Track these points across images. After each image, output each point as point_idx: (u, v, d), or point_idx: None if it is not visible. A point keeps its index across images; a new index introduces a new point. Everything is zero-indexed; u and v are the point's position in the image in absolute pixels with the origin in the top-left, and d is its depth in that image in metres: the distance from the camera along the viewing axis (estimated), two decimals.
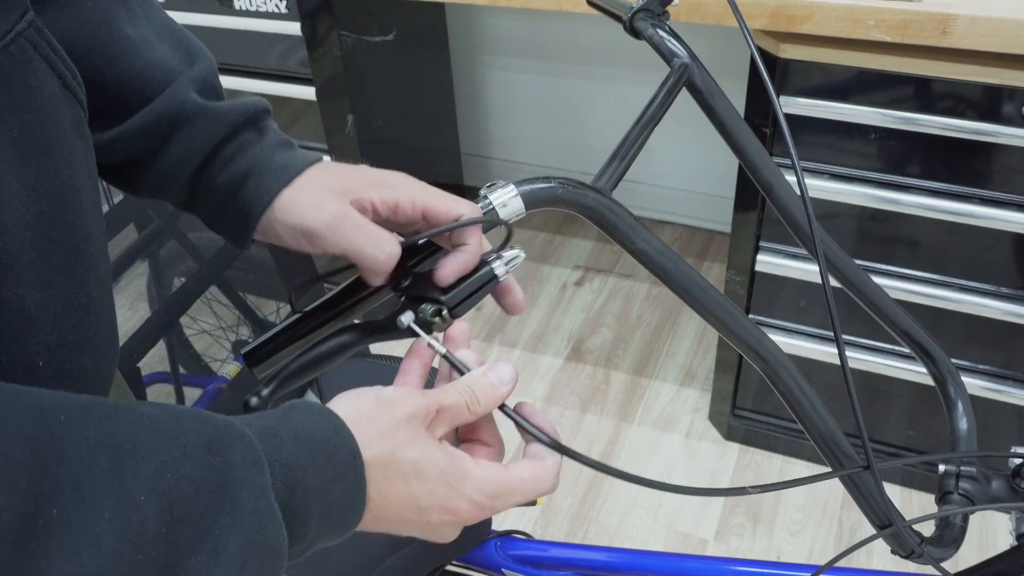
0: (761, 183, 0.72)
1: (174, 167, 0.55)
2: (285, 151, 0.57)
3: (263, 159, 0.56)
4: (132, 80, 0.53)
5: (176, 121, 0.53)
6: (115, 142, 0.54)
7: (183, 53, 0.56)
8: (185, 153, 0.54)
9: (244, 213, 0.56)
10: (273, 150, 0.56)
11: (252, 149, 0.56)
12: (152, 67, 0.53)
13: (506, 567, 0.95)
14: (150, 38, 0.54)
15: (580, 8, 1.40)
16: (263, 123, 0.57)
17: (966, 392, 0.78)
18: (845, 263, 0.76)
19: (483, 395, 0.49)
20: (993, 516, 1.64)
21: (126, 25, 0.53)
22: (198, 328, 1.32)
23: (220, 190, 0.56)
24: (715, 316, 0.62)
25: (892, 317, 0.77)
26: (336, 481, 0.42)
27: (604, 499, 1.73)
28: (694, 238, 2.40)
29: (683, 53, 0.69)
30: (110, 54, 0.53)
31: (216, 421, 0.40)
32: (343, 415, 0.45)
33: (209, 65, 0.56)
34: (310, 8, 1.69)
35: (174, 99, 0.53)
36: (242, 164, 0.55)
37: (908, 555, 0.69)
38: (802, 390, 0.64)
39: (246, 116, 0.56)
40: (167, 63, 0.54)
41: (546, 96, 2.31)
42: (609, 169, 0.62)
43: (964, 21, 1.14)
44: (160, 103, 0.53)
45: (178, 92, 0.53)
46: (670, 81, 0.67)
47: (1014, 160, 1.25)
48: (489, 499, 0.48)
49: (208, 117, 0.54)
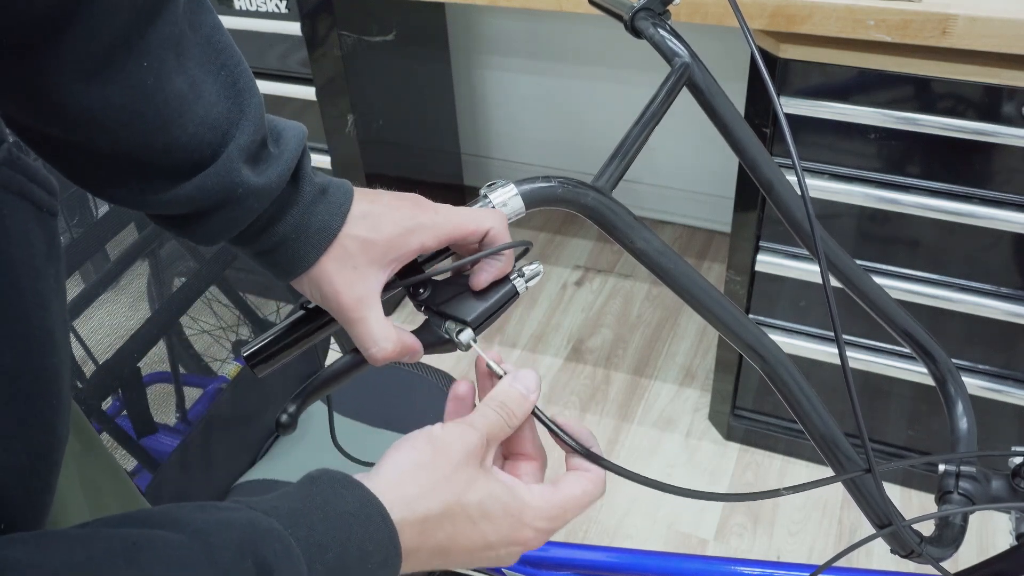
0: (761, 182, 0.73)
1: (219, 233, 0.53)
2: (320, 205, 0.55)
3: (300, 223, 0.54)
4: (183, 145, 0.49)
5: (222, 200, 0.51)
6: (164, 204, 0.51)
7: (233, 95, 0.51)
8: (231, 224, 0.52)
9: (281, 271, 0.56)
10: (309, 209, 0.54)
11: (290, 211, 0.54)
12: (203, 126, 0.49)
13: (506, 567, 0.95)
14: (201, 82, 0.49)
15: (580, 8, 1.40)
16: (302, 170, 0.55)
17: (966, 392, 0.78)
18: (845, 263, 0.76)
19: (517, 408, 0.51)
20: (993, 516, 1.64)
21: (177, 77, 0.48)
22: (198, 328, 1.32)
23: (259, 246, 0.55)
24: (715, 315, 0.62)
25: (892, 317, 0.77)
26: (373, 553, 0.43)
27: (604, 499, 1.73)
28: (694, 238, 2.40)
29: (684, 53, 0.69)
30: (161, 118, 0.48)
31: (243, 522, 0.39)
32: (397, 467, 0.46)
33: (257, 111, 0.52)
34: (310, 8, 1.69)
35: (222, 179, 0.50)
36: (280, 229, 0.54)
37: (908, 555, 0.69)
38: (802, 390, 0.64)
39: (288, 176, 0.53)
40: (217, 118, 0.50)
41: (546, 96, 2.31)
42: (609, 168, 0.62)
43: (964, 21, 1.14)
44: (208, 177, 0.50)
45: (226, 170, 0.50)
46: (671, 80, 0.67)
47: (1014, 160, 1.25)
48: (550, 522, 0.50)
49: (254, 195, 0.51)
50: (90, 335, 1.05)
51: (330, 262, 0.54)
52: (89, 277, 1.00)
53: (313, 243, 0.54)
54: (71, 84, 0.44)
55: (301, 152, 0.54)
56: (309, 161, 0.56)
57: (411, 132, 2.16)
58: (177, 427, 1.20)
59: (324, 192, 0.55)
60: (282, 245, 0.54)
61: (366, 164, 1.91)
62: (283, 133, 0.54)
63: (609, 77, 2.20)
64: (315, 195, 0.55)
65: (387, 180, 2.02)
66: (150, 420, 0.97)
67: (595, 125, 2.31)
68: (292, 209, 0.54)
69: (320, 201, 0.55)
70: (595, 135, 2.33)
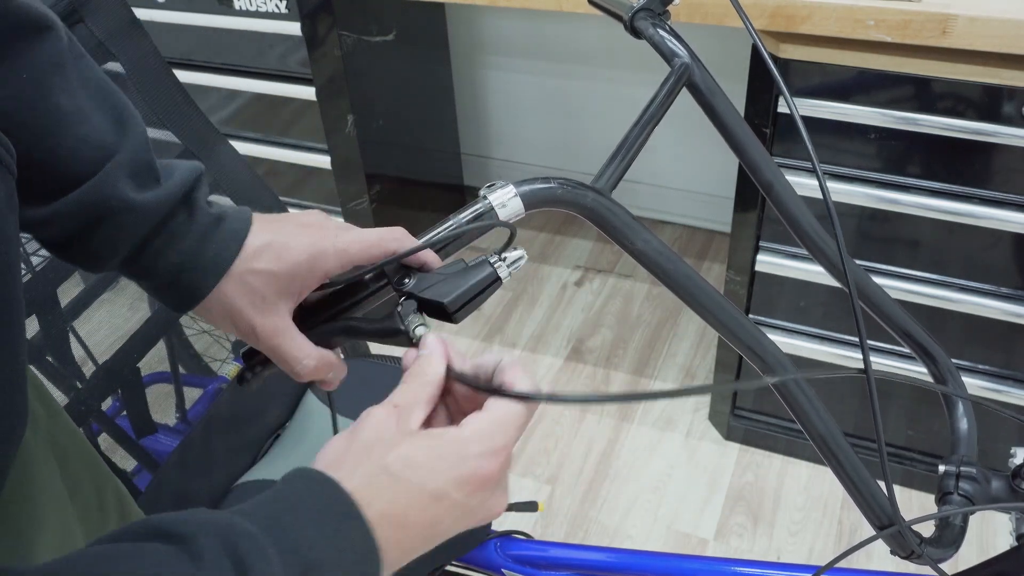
0: (761, 183, 0.73)
1: (102, 254, 0.54)
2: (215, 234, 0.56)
3: (194, 252, 0.55)
4: (63, 158, 0.51)
5: (100, 215, 0.52)
6: (45, 221, 0.52)
7: (116, 123, 0.53)
8: (112, 245, 0.53)
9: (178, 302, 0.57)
10: (203, 238, 0.55)
11: (183, 240, 0.55)
12: (85, 143, 0.51)
13: (506, 567, 0.95)
14: (84, 107, 0.52)
15: (580, 8, 1.40)
16: (193, 199, 0.56)
17: (966, 392, 0.78)
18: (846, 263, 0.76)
19: (422, 369, 0.50)
20: (993, 516, 1.64)
21: (61, 96, 0.51)
22: (198, 328, 1.32)
23: (155, 278, 0.56)
24: (714, 316, 0.62)
25: (892, 317, 0.77)
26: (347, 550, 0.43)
27: (604, 499, 1.73)
28: (694, 238, 2.39)
29: (683, 53, 0.69)
30: (42, 128, 0.50)
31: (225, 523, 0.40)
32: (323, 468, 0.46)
33: (141, 139, 0.54)
34: (310, 8, 1.69)
35: (100, 192, 0.51)
36: (173, 258, 0.55)
37: (908, 555, 0.69)
38: (801, 389, 0.64)
39: (173, 201, 0.54)
40: (99, 138, 0.52)
41: (546, 96, 2.31)
42: (609, 169, 0.62)
43: (964, 21, 1.14)
44: (86, 192, 0.51)
45: (104, 184, 0.51)
46: (670, 81, 0.67)
47: (1014, 160, 1.25)
48: (491, 441, 0.47)
49: (133, 212, 0.52)
50: (90, 335, 1.05)
51: (238, 298, 0.56)
52: (89, 277, 1.00)
53: (209, 271, 0.55)
54: None
55: (193, 181, 0.55)
56: (205, 195, 0.57)
57: (411, 132, 2.16)
58: (177, 427, 1.20)
59: (219, 221, 0.56)
60: (178, 275, 0.55)
61: (366, 164, 1.91)
62: (176, 168, 0.56)
63: (609, 77, 2.20)
64: (209, 225, 0.56)
65: (387, 180, 2.02)
66: (150, 420, 0.97)
67: (595, 125, 2.31)
68: (184, 239, 0.55)
69: (214, 230, 0.56)
70: (595, 135, 2.33)
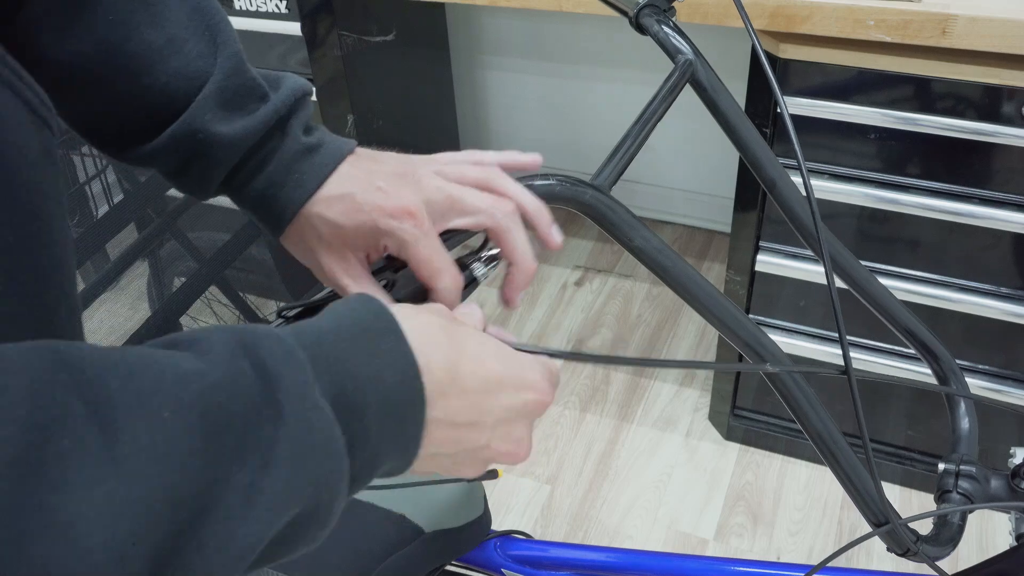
0: (764, 180, 0.73)
1: (204, 183, 0.54)
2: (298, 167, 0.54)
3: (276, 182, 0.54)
4: (158, 94, 0.51)
5: (193, 149, 0.52)
6: (151, 157, 0.53)
7: (210, 45, 0.52)
8: (208, 174, 0.53)
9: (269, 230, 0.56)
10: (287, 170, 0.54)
11: (270, 166, 0.54)
12: (178, 75, 0.51)
13: (506, 567, 0.95)
14: (176, 36, 0.51)
15: (580, 8, 1.40)
16: (287, 126, 0.54)
17: (968, 391, 0.78)
18: (849, 261, 0.76)
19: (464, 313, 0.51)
20: (993, 516, 1.64)
21: (148, 31, 0.50)
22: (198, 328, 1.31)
23: (244, 202, 0.56)
24: (712, 313, 0.63)
25: (895, 315, 0.77)
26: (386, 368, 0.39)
27: (604, 499, 1.73)
28: (694, 238, 2.39)
29: (687, 49, 0.69)
30: (135, 68, 0.50)
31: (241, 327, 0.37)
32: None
33: (232, 61, 0.53)
34: (310, 8, 1.69)
35: (190, 127, 0.51)
36: (259, 184, 0.54)
37: (904, 553, 0.69)
38: (800, 388, 0.64)
39: (263, 130, 0.53)
40: (192, 68, 0.51)
41: (546, 96, 2.31)
42: (608, 166, 0.62)
43: (964, 21, 1.14)
44: (178, 128, 0.51)
45: (193, 118, 0.51)
46: (674, 77, 0.67)
47: (1014, 160, 1.25)
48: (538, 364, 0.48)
49: (221, 145, 0.52)
50: (90, 335, 1.05)
51: (302, 237, 0.55)
52: (89, 277, 1.00)
53: (286, 205, 0.54)
54: (44, 37, 0.48)
55: (290, 106, 0.54)
56: (303, 120, 0.55)
57: (411, 132, 2.16)
58: None
59: (310, 153, 0.54)
60: (262, 202, 0.54)
61: None
62: (281, 84, 0.55)
63: (609, 77, 2.20)
64: (297, 155, 0.54)
65: None
66: None
67: (595, 125, 2.31)
68: (271, 165, 0.54)
69: (300, 163, 0.54)
70: (595, 135, 2.33)
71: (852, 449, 0.67)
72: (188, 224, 1.13)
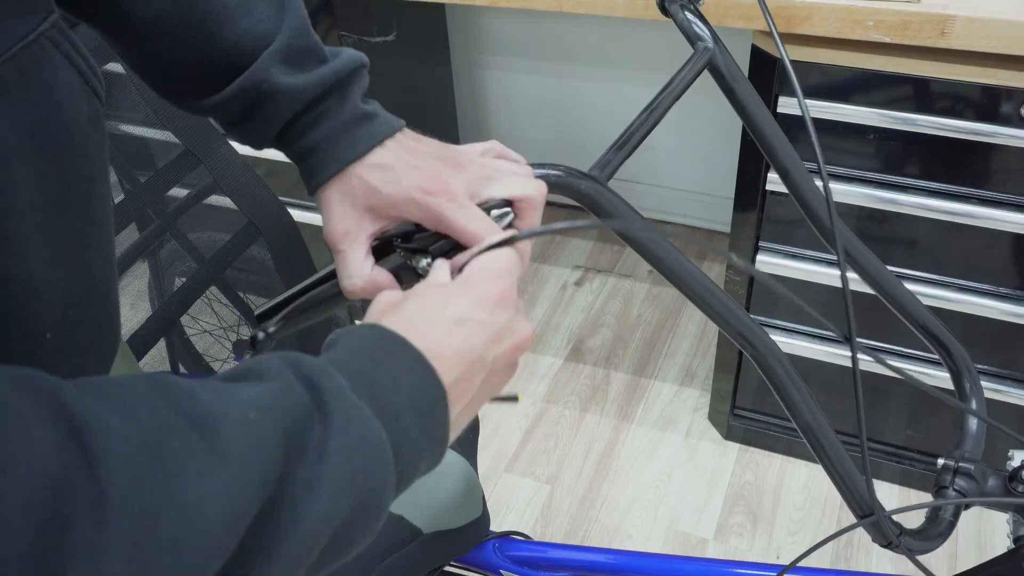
0: (778, 168, 0.73)
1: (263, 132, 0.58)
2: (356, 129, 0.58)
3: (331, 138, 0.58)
4: (227, 52, 0.55)
5: (256, 98, 0.56)
6: (215, 108, 0.57)
7: (278, 8, 0.57)
8: (268, 122, 0.57)
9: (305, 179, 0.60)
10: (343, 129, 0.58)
11: (326, 122, 0.58)
12: (247, 35, 0.55)
13: (504, 568, 0.96)
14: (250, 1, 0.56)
15: (580, 8, 1.40)
16: (347, 90, 0.58)
17: (980, 388, 0.78)
18: (863, 253, 0.76)
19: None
20: (993, 516, 1.64)
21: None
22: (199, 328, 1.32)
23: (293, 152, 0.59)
24: (706, 303, 0.63)
25: (909, 308, 0.77)
26: (405, 375, 0.44)
27: (604, 499, 1.73)
28: (694, 238, 2.40)
29: (708, 37, 0.70)
30: (208, 26, 0.55)
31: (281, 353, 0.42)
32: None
33: (297, 23, 0.57)
34: (310, 8, 1.68)
35: (255, 78, 0.56)
36: (312, 136, 0.58)
37: (887, 544, 0.69)
38: (791, 379, 0.64)
39: (325, 86, 0.57)
40: (260, 30, 0.56)
41: (546, 96, 2.32)
42: (608, 156, 0.63)
43: (962, 22, 1.15)
44: (245, 79, 0.56)
45: (260, 70, 0.56)
46: (691, 63, 0.68)
47: (1012, 160, 1.25)
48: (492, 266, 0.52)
49: (284, 94, 0.56)
50: None
51: (335, 192, 0.58)
52: None
53: (332, 161, 0.58)
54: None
55: (350, 72, 0.58)
56: (362, 88, 0.59)
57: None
58: None
59: (367, 120, 0.58)
60: (311, 153, 0.58)
61: None
62: (340, 54, 0.59)
63: (609, 77, 2.20)
64: (355, 118, 0.58)
65: None
66: None
67: (595, 125, 2.31)
68: (327, 122, 0.58)
69: (356, 126, 0.58)
70: (595, 135, 2.33)
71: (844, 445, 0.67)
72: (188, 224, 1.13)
